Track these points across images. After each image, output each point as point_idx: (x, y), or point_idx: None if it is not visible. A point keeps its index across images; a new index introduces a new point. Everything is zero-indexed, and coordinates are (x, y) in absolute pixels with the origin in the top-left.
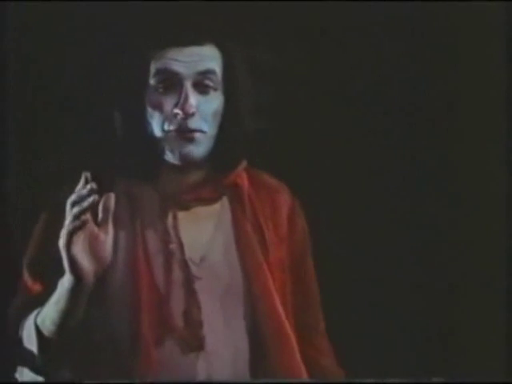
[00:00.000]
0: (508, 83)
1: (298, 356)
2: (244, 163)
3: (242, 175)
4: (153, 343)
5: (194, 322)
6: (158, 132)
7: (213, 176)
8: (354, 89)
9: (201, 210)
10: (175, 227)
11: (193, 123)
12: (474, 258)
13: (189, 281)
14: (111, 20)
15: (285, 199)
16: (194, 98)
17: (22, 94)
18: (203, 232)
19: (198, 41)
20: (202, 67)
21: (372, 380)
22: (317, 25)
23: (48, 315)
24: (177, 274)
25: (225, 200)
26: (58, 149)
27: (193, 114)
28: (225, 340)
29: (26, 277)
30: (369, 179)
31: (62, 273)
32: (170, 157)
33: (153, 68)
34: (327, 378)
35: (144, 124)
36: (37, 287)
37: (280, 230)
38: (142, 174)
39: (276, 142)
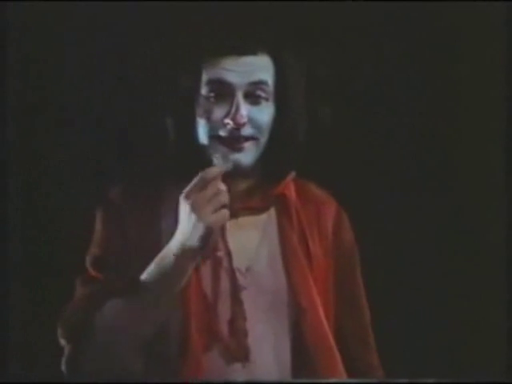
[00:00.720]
0: (508, 83)
1: (340, 368)
2: (293, 173)
3: (289, 186)
4: (201, 349)
5: (238, 332)
6: (204, 139)
7: (261, 185)
8: (406, 103)
9: (248, 220)
10: (223, 235)
11: (245, 131)
12: (474, 259)
13: (235, 290)
14: (166, 26)
15: (330, 211)
16: (245, 109)
17: (38, 95)
18: (250, 242)
19: (251, 50)
20: (254, 78)
21: (372, 380)
22: (372, 37)
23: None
24: (224, 282)
25: (272, 210)
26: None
27: (243, 125)
28: (268, 351)
29: (91, 270)
30: (419, 191)
31: (125, 268)
32: (217, 164)
33: (205, 76)
34: None
35: (193, 131)
36: (94, 274)
37: (325, 242)
38: (191, 180)
39: (324, 153)
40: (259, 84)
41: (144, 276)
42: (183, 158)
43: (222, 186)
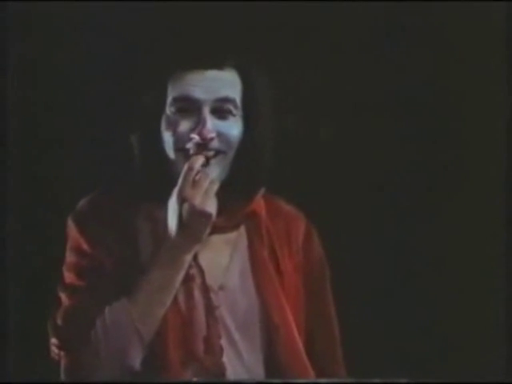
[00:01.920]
0: (508, 83)
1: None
2: (262, 190)
3: (259, 202)
4: (180, 366)
5: (214, 349)
6: (171, 153)
7: (231, 204)
8: (376, 118)
9: (218, 238)
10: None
11: (212, 145)
12: (473, 259)
13: (209, 308)
14: (131, 40)
15: (300, 226)
16: (212, 123)
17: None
18: (221, 260)
19: (218, 65)
20: (221, 94)
21: (371, 380)
22: (340, 50)
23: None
24: (198, 300)
25: (242, 228)
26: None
27: (211, 140)
28: (243, 369)
29: (68, 276)
30: (388, 206)
31: (99, 275)
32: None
33: (171, 91)
34: None
35: (160, 146)
36: (78, 282)
37: (295, 257)
38: (160, 198)
39: (293, 168)
40: (225, 100)
41: (144, 275)
42: (149, 172)
43: (207, 173)
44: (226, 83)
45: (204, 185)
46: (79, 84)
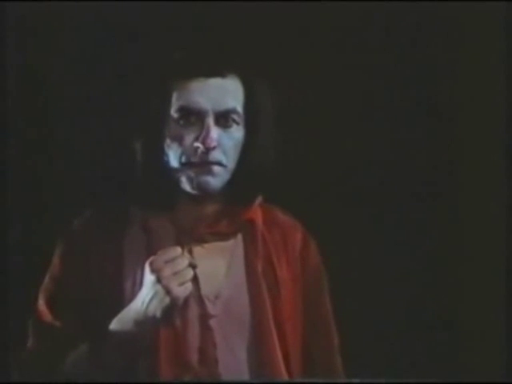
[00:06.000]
0: (508, 83)
1: None
2: (260, 198)
3: (256, 211)
4: (172, 379)
5: (209, 360)
6: (175, 163)
7: (229, 210)
8: (377, 129)
9: (215, 246)
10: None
11: (213, 156)
12: (474, 258)
13: (204, 317)
14: (134, 48)
15: (297, 236)
16: (215, 132)
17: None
18: (217, 269)
19: (221, 72)
20: (224, 103)
21: (371, 380)
22: (343, 58)
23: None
24: (192, 310)
25: (239, 237)
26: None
27: (214, 148)
28: (240, 378)
29: (41, 304)
30: (386, 214)
31: (75, 309)
32: (186, 186)
33: (175, 100)
34: None
35: (162, 154)
36: (49, 316)
37: (292, 266)
38: (159, 205)
39: (291, 178)
40: (230, 109)
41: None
42: (150, 181)
43: (189, 260)
44: (229, 91)
45: (180, 264)
46: (81, 91)
